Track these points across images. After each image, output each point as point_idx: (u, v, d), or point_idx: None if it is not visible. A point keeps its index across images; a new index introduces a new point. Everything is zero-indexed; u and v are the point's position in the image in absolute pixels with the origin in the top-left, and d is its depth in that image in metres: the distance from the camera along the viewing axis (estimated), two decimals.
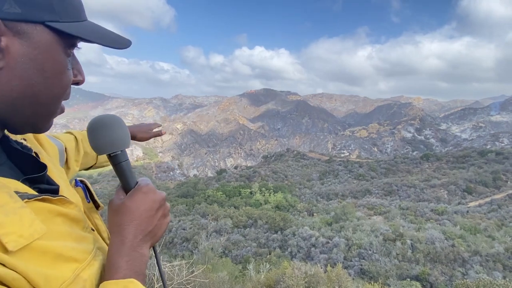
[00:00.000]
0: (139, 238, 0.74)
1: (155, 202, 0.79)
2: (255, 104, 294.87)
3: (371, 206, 44.71)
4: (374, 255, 21.34)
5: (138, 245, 0.74)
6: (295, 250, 24.34)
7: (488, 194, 48.99)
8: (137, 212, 0.76)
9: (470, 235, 24.98)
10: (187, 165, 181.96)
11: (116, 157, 0.81)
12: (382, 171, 74.84)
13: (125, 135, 0.82)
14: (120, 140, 0.80)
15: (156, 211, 0.79)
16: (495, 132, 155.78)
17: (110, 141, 0.79)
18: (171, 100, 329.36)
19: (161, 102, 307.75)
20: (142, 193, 0.78)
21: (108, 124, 0.80)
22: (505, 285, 8.20)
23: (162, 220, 0.82)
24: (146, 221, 0.76)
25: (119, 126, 0.81)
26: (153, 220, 0.78)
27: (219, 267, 13.42)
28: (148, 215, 0.77)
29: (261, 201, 47.51)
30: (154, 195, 0.80)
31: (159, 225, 0.80)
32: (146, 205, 0.77)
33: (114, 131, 0.80)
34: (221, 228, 29.48)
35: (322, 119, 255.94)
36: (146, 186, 0.80)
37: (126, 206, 0.76)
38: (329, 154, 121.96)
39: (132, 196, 0.78)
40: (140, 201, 0.77)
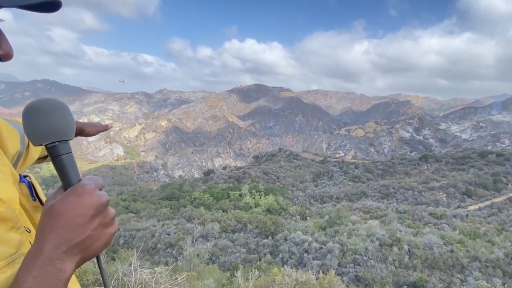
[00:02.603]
0: (61, 250, 0.65)
1: (90, 207, 0.70)
2: (246, 100, 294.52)
3: (367, 209, 45.22)
4: (370, 261, 21.58)
5: (57, 258, 0.65)
6: (286, 256, 24.43)
7: (488, 197, 50.06)
8: (65, 217, 0.68)
9: (469, 240, 25.48)
10: (171, 165, 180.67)
11: (54, 149, 0.74)
12: (379, 172, 75.70)
13: (67, 123, 0.75)
14: (61, 128, 0.74)
15: (90, 219, 0.70)
16: (496, 132, 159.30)
17: (48, 129, 0.72)
18: (155, 95, 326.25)
19: (144, 97, 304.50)
20: (74, 195, 0.70)
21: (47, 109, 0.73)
22: None
23: (100, 230, 0.72)
24: (74, 229, 0.67)
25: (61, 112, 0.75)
26: (85, 229, 0.69)
27: (205, 274, 13.38)
28: (78, 222, 0.68)
29: (251, 204, 47.56)
30: (89, 198, 0.71)
31: (95, 237, 0.71)
32: (77, 210, 0.69)
33: (54, 117, 0.73)
34: (208, 233, 29.38)
35: (317, 117, 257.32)
36: (82, 187, 0.72)
37: (53, 209, 0.68)
38: (324, 154, 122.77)
39: (63, 197, 0.70)
40: (70, 204, 0.69)
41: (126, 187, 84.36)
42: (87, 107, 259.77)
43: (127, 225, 34.40)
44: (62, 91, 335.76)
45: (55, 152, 0.74)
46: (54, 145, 0.74)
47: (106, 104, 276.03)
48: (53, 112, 0.73)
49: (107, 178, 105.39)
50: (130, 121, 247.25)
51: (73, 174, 0.75)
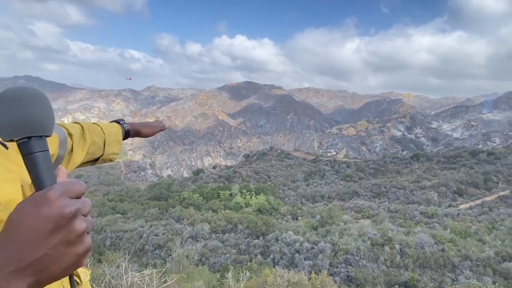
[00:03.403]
0: (8, 270, 0.54)
1: (47, 220, 0.57)
2: (236, 98, 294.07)
3: (359, 209, 45.68)
4: (362, 261, 21.82)
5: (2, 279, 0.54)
6: (278, 256, 24.53)
7: (479, 196, 51.07)
8: (18, 230, 0.56)
9: (460, 239, 25.98)
10: (160, 164, 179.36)
11: (25, 146, 0.63)
12: (371, 171, 76.50)
13: (43, 116, 0.65)
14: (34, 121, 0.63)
15: (47, 234, 0.57)
16: (487, 131, 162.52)
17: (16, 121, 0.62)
18: (143, 92, 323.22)
19: (131, 94, 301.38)
20: (33, 204, 0.58)
21: (19, 98, 0.63)
22: None
23: (62, 249, 0.58)
24: (26, 246, 0.55)
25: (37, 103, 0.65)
26: (40, 247, 0.56)
27: (195, 276, 13.34)
28: (32, 238, 0.56)
29: (241, 204, 47.57)
30: (49, 208, 0.57)
31: (53, 256, 0.58)
32: (32, 223, 0.56)
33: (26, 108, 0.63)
34: (197, 234, 29.30)
35: (308, 115, 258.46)
36: (43, 194, 0.59)
37: (9, 219, 0.57)
38: (315, 153, 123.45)
39: (21, 206, 0.58)
40: (26, 215, 0.57)
41: (112, 187, 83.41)
42: (71, 105, 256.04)
43: (113, 226, 34.05)
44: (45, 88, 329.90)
45: (26, 149, 0.63)
46: (25, 141, 0.63)
47: (92, 101, 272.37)
48: (26, 101, 0.63)
49: (93, 177, 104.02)
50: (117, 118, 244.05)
51: (46, 177, 0.63)
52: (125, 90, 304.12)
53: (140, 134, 1.71)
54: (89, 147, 1.37)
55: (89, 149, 1.37)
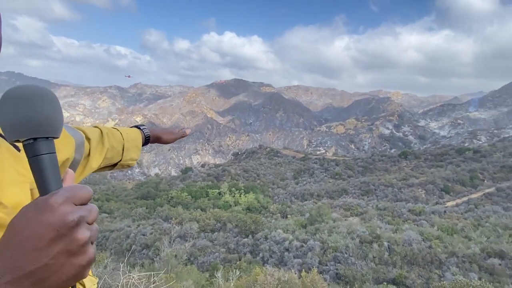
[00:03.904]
0: (5, 279, 0.51)
1: (49, 228, 0.53)
2: (225, 95, 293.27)
3: (348, 206, 46.17)
4: (350, 259, 22.07)
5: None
6: (267, 255, 24.62)
7: (466, 194, 52.23)
8: (18, 237, 0.53)
9: (447, 236, 26.53)
10: (147, 163, 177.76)
11: (30, 147, 0.60)
12: (359, 169, 77.36)
13: (52, 116, 0.62)
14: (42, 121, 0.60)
15: (49, 243, 0.53)
16: (473, 129, 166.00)
17: (22, 121, 0.58)
18: (130, 89, 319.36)
19: (117, 91, 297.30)
20: (35, 209, 0.55)
21: (27, 96, 0.60)
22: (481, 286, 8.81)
23: (64, 259, 0.55)
24: (26, 254, 0.52)
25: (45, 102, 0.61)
26: (40, 256, 0.53)
27: (183, 275, 13.29)
28: (32, 246, 0.53)
29: (230, 203, 47.55)
30: (51, 215, 0.54)
31: (54, 266, 0.54)
32: (33, 230, 0.53)
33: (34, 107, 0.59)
34: (186, 233, 29.16)
35: (298, 113, 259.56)
36: (45, 200, 0.56)
37: (11, 224, 0.55)
38: (305, 151, 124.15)
39: (24, 211, 0.56)
40: (28, 221, 0.54)
41: (98, 186, 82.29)
42: None
43: (100, 226, 33.63)
44: None
45: (32, 151, 0.60)
46: (30, 142, 0.60)
47: (77, 98, 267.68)
48: (33, 100, 0.60)
49: None
50: (103, 116, 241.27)
51: (52, 181, 0.60)
52: (111, 87, 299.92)
53: (160, 140, 1.68)
54: (107, 152, 1.34)
55: (107, 154, 1.34)
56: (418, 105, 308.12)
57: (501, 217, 36.34)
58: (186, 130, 1.82)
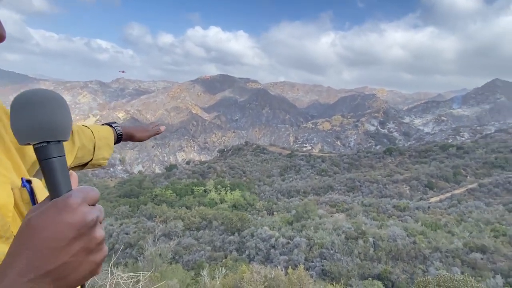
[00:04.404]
0: (27, 277, 0.54)
1: (70, 228, 0.57)
2: (210, 91, 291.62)
3: (334, 203, 46.74)
4: (336, 255, 22.39)
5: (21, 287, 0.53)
6: (253, 252, 24.71)
7: (449, 189, 53.60)
8: (38, 237, 0.55)
9: (431, 231, 27.21)
10: (130, 160, 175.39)
11: (42, 150, 0.64)
12: (345, 166, 78.35)
13: (62, 120, 0.65)
14: (53, 125, 0.63)
15: (70, 242, 0.57)
16: (456, 126, 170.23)
17: (35, 125, 0.62)
18: (111, 84, 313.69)
19: (99, 86, 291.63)
20: (54, 210, 0.58)
21: (39, 101, 0.63)
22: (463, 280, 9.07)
23: (82, 257, 0.59)
24: (47, 254, 0.55)
25: (56, 106, 0.65)
26: (61, 255, 0.56)
27: (168, 274, 13.22)
28: (54, 245, 0.56)
29: (216, 200, 47.44)
30: (71, 215, 0.58)
31: (73, 264, 0.58)
32: (54, 230, 0.56)
33: (45, 111, 0.63)
34: (170, 231, 28.98)
35: (284, 109, 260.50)
36: (64, 200, 0.59)
37: (28, 225, 0.57)
38: (291, 148, 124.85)
39: (43, 211, 0.58)
40: (47, 221, 0.57)
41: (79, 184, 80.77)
42: None
43: None
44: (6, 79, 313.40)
45: (44, 154, 0.63)
46: (43, 146, 0.63)
47: None
48: (45, 105, 0.63)
49: None
50: (84, 112, 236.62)
51: (62, 183, 0.64)
52: (92, 81, 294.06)
53: (134, 138, 1.64)
54: (77, 151, 1.28)
55: (77, 153, 1.28)
56: (403, 102, 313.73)
57: (483, 212, 37.49)
58: (161, 127, 1.77)
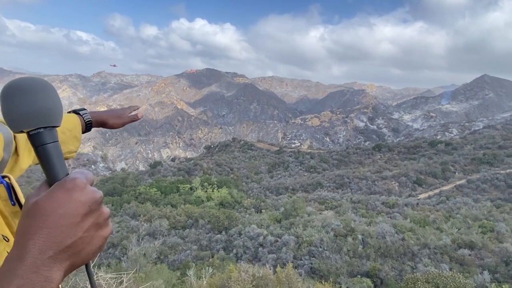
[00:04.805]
0: (47, 255, 0.58)
1: (82, 205, 0.63)
2: (196, 86, 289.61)
3: (322, 200, 47.18)
4: (325, 252, 22.62)
5: (44, 265, 0.57)
6: (241, 251, 24.77)
7: (437, 186, 54.73)
8: (52, 216, 0.60)
9: (419, 228, 27.75)
10: (113, 157, 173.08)
11: (37, 137, 0.67)
12: (334, 162, 79.11)
13: (54, 106, 0.69)
14: (47, 112, 0.67)
15: (82, 218, 0.63)
16: (445, 122, 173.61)
17: (30, 112, 0.65)
18: (92, 78, 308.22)
19: (79, 80, 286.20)
20: (64, 190, 0.63)
21: (31, 88, 0.66)
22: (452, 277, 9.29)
23: (94, 232, 0.66)
24: (63, 230, 0.60)
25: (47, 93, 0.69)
26: (76, 231, 0.62)
27: (153, 275, 13.13)
28: (69, 222, 0.61)
29: (203, 198, 47.29)
30: (81, 194, 0.64)
31: (87, 239, 0.64)
32: (67, 208, 0.62)
33: (38, 98, 0.66)
34: (155, 230, 28.79)
35: (272, 105, 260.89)
36: (73, 181, 0.65)
37: (38, 207, 0.61)
38: (279, 144, 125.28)
39: (51, 193, 0.63)
40: (59, 201, 0.62)
41: None
42: None
43: None
44: None
45: (39, 140, 0.67)
46: (39, 132, 0.67)
47: None
48: (38, 92, 0.67)
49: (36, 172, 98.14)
50: (63, 107, 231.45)
51: (60, 167, 0.69)
52: (72, 75, 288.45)
53: (106, 125, 1.52)
54: None
55: None
56: (392, 97, 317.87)
57: (471, 209, 38.42)
58: (138, 114, 1.64)
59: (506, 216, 34.14)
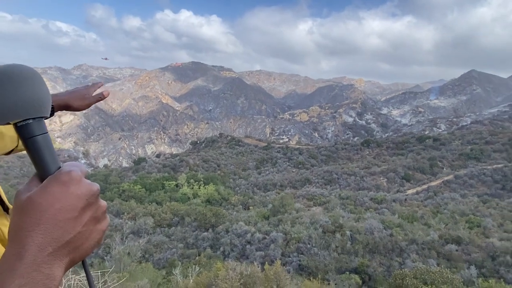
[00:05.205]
0: (47, 252, 0.57)
1: (79, 198, 0.62)
2: (182, 79, 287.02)
3: (311, 196, 47.57)
4: (313, 249, 22.85)
5: (44, 262, 0.56)
6: (228, 248, 24.81)
7: (425, 181, 55.79)
8: (49, 211, 0.59)
9: (407, 224, 28.29)
10: (95, 153, 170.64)
11: (26, 128, 0.63)
12: (323, 158, 79.77)
13: (43, 96, 0.65)
14: (35, 102, 0.63)
15: (80, 212, 0.62)
16: (433, 117, 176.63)
17: (17, 102, 0.62)
18: (73, 71, 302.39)
19: (59, 73, 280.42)
20: (59, 184, 0.61)
21: (15, 77, 0.62)
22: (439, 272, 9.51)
23: (92, 225, 0.65)
24: (62, 226, 0.59)
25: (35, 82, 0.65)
26: (75, 225, 0.61)
27: (138, 274, 13.06)
28: (67, 217, 0.60)
29: (189, 195, 47.14)
30: (78, 187, 0.63)
31: (85, 234, 0.63)
32: (65, 202, 0.60)
33: (26, 88, 0.63)
34: (140, 229, 28.59)
35: (260, 100, 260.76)
36: (68, 174, 0.63)
37: (33, 202, 0.59)
38: (267, 140, 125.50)
39: (45, 187, 0.61)
40: (55, 195, 0.60)
41: None
42: None
43: None
44: None
45: (28, 132, 0.63)
46: (27, 124, 0.63)
47: None
48: (25, 81, 0.63)
49: (14, 169, 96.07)
50: None
51: (51, 160, 0.66)
52: (51, 68, 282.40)
53: (71, 107, 1.41)
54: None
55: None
56: (381, 92, 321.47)
57: (459, 204, 39.34)
58: (104, 92, 1.52)
59: (493, 211, 35.10)
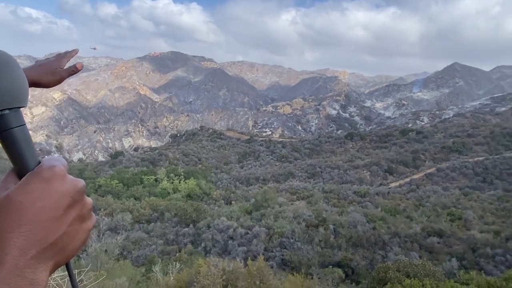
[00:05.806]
0: (30, 255, 0.53)
1: (64, 196, 0.57)
2: (161, 70, 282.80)
3: (294, 190, 48.01)
4: (297, 244, 23.15)
5: (27, 266, 0.52)
6: (210, 244, 24.85)
7: (408, 174, 57.13)
8: (31, 211, 0.54)
9: (390, 217, 28.96)
10: (69, 146, 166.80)
11: (2, 120, 0.58)
12: (306, 151, 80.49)
13: (19, 84, 0.61)
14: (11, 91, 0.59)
15: (65, 211, 0.57)
16: (416, 110, 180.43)
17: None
18: None
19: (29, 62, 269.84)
20: (41, 180, 0.56)
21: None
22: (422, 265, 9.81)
23: (78, 225, 0.60)
24: (45, 226, 0.55)
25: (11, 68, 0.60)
26: (60, 225, 0.57)
27: (116, 272, 12.94)
28: (50, 216, 0.55)
29: (169, 190, 46.82)
30: (62, 184, 0.58)
31: (72, 233, 0.59)
32: (48, 200, 0.56)
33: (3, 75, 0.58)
34: (117, 225, 28.26)
35: (242, 91, 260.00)
36: (50, 169, 0.58)
37: (12, 201, 0.54)
38: (250, 133, 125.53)
39: (25, 184, 0.56)
40: (37, 193, 0.55)
41: None
42: None
43: None
44: None
45: (4, 124, 0.58)
46: (3, 114, 0.58)
47: None
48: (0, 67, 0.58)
49: None
50: None
51: (30, 154, 0.61)
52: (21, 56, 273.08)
53: (40, 84, 1.25)
54: None
55: None
56: (365, 84, 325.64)
57: (441, 197, 40.49)
58: (77, 64, 1.35)
59: (474, 204, 36.30)
